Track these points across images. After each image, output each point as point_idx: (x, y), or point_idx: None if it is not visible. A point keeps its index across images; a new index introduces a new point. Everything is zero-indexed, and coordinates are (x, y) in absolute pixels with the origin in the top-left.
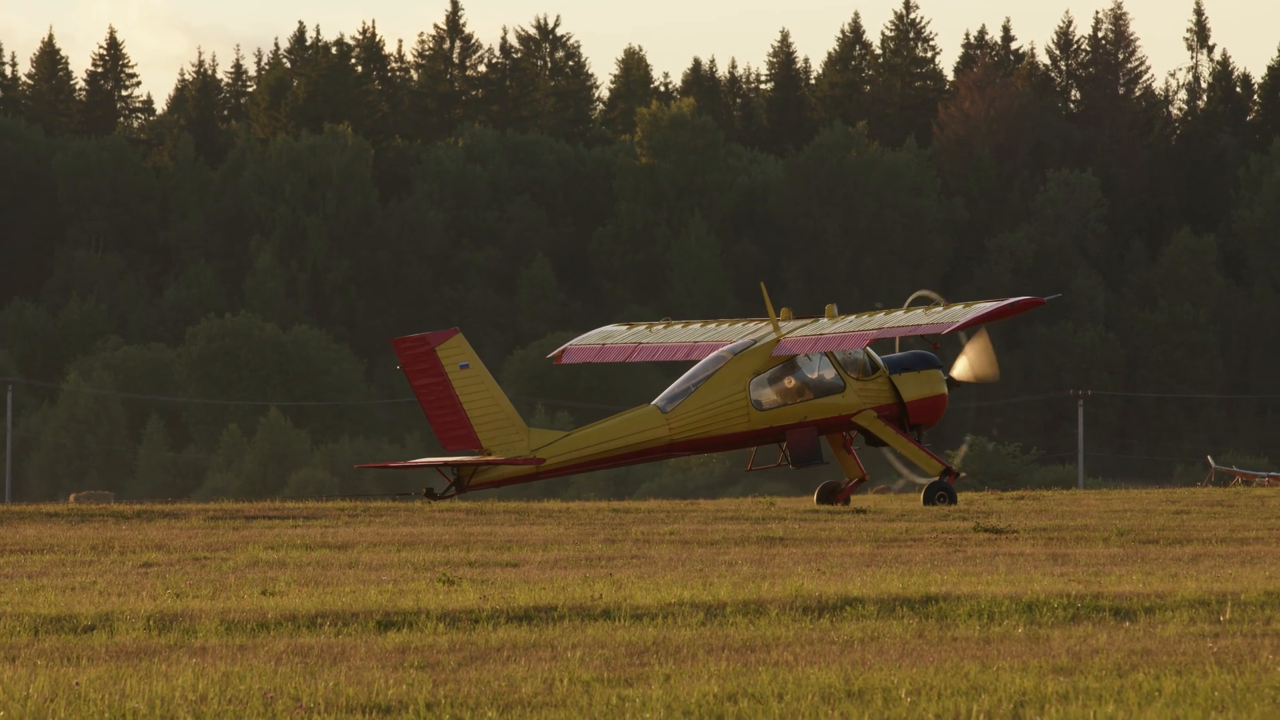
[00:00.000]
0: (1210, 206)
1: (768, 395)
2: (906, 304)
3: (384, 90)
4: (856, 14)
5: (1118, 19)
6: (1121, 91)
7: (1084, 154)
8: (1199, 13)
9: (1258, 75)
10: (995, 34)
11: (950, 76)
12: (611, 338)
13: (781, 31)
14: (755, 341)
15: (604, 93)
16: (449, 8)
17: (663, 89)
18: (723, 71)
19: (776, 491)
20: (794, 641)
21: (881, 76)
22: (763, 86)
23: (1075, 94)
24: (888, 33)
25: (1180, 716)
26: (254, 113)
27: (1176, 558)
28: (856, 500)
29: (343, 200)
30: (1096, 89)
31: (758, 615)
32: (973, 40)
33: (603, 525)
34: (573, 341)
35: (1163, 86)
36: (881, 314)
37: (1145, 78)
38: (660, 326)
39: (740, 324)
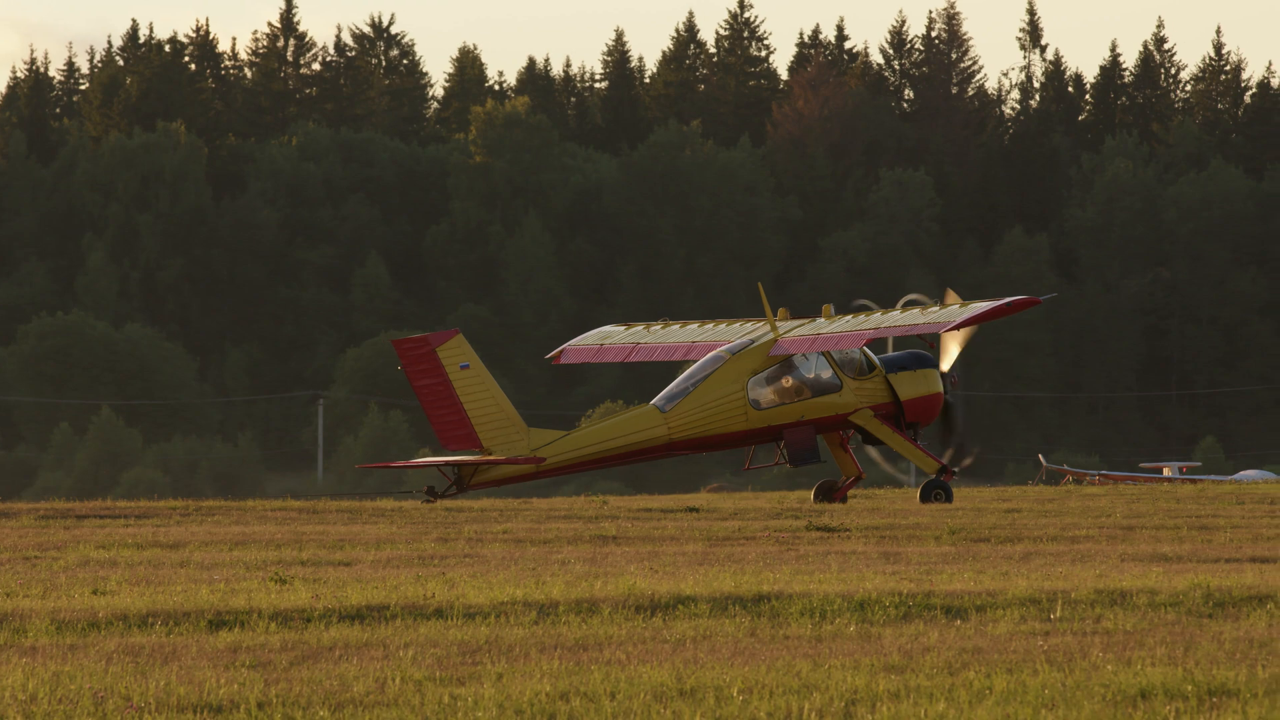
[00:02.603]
0: (1043, 205)
1: (765, 394)
2: (900, 304)
3: (218, 88)
4: (691, 13)
5: (951, 19)
6: (955, 91)
7: (917, 153)
8: (1032, 13)
9: (1090, 75)
10: (829, 33)
11: (784, 76)
12: (609, 338)
13: (616, 30)
14: (753, 341)
15: (438, 91)
16: (283, 6)
17: (497, 87)
18: (557, 70)
19: (610, 491)
20: (626, 640)
21: (716, 75)
22: (597, 85)
23: (909, 93)
24: (722, 32)
25: (1011, 714)
26: (87, 110)
27: (1008, 556)
28: (689, 499)
29: (176, 198)
30: (930, 88)
31: (590, 614)
32: (807, 39)
33: (436, 524)
34: (571, 342)
35: (995, 86)
36: (878, 314)
37: (978, 77)
38: (658, 326)
39: (738, 324)
